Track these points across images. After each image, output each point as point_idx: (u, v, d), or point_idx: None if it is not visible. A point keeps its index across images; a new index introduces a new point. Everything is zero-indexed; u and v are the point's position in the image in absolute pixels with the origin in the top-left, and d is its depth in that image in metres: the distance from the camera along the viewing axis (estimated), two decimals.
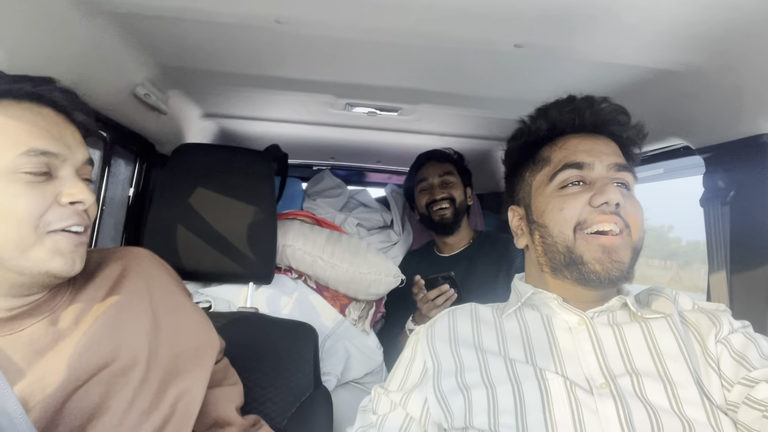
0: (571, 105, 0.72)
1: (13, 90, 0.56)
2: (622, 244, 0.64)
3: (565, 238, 0.67)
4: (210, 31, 0.83)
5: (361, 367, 1.26)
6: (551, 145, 0.73)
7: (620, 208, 0.65)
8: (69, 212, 0.58)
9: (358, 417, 0.75)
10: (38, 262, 0.56)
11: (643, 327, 0.66)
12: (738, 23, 0.66)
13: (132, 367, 0.62)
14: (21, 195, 0.54)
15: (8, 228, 0.54)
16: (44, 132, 0.56)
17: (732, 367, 0.60)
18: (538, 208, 0.72)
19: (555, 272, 0.71)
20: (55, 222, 0.57)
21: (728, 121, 0.84)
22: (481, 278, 1.34)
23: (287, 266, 1.28)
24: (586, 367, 0.64)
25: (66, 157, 0.58)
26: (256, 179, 1.02)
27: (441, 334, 0.74)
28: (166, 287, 0.73)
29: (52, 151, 0.56)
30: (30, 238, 0.55)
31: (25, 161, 0.54)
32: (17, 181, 0.54)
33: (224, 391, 0.77)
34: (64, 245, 0.58)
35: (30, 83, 0.57)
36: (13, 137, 0.54)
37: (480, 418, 0.63)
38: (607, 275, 0.64)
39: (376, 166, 2.19)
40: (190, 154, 1.05)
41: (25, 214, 0.54)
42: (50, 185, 0.57)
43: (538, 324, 0.71)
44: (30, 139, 0.55)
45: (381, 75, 1.02)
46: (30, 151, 0.54)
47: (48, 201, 0.56)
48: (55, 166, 0.57)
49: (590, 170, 0.68)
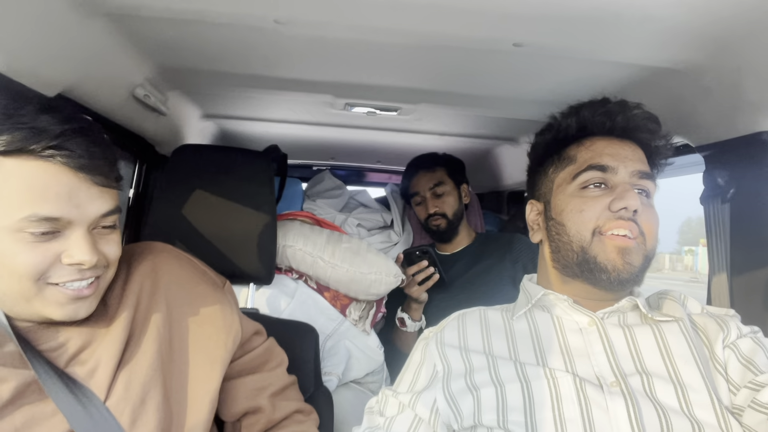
0: (604, 107, 0.71)
1: (27, 149, 0.54)
2: (635, 248, 0.65)
3: (581, 239, 0.67)
4: (209, 32, 0.83)
5: (362, 367, 1.26)
6: (578, 144, 0.73)
7: (637, 215, 0.65)
8: (69, 271, 0.58)
9: (365, 418, 0.75)
10: (39, 310, 0.58)
11: (654, 329, 0.66)
12: (738, 21, 0.66)
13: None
14: (22, 254, 0.55)
15: (10, 281, 0.56)
16: (51, 195, 0.55)
17: (739, 372, 0.60)
18: (557, 205, 0.72)
19: (566, 271, 0.71)
20: (53, 278, 0.58)
21: (728, 119, 0.84)
22: (483, 274, 1.34)
23: (287, 267, 1.28)
24: (596, 365, 0.64)
25: (72, 219, 0.57)
26: (256, 180, 1.02)
27: (451, 340, 0.74)
28: (179, 281, 0.74)
29: (54, 217, 0.56)
30: (30, 291, 0.57)
31: (27, 225, 0.54)
32: (20, 241, 0.55)
33: (258, 379, 0.78)
34: (62, 299, 0.59)
35: (44, 142, 0.54)
36: (17, 199, 0.54)
37: (489, 415, 0.63)
38: (617, 276, 0.64)
39: (375, 166, 2.19)
40: (190, 154, 1.05)
41: (24, 271, 0.55)
42: (55, 243, 0.57)
43: (549, 325, 0.71)
44: (33, 203, 0.54)
45: (380, 75, 1.02)
46: (32, 216, 0.54)
47: (49, 260, 0.57)
48: (62, 226, 0.57)
49: (613, 174, 0.68)
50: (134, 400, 0.62)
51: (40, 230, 0.55)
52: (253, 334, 0.82)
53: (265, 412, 0.76)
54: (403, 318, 1.33)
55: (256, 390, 0.77)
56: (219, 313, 0.74)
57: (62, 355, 0.62)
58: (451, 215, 1.45)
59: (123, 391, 0.62)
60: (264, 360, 0.81)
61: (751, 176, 0.84)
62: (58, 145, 0.55)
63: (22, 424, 0.56)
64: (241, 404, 0.77)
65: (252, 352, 0.80)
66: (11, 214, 0.54)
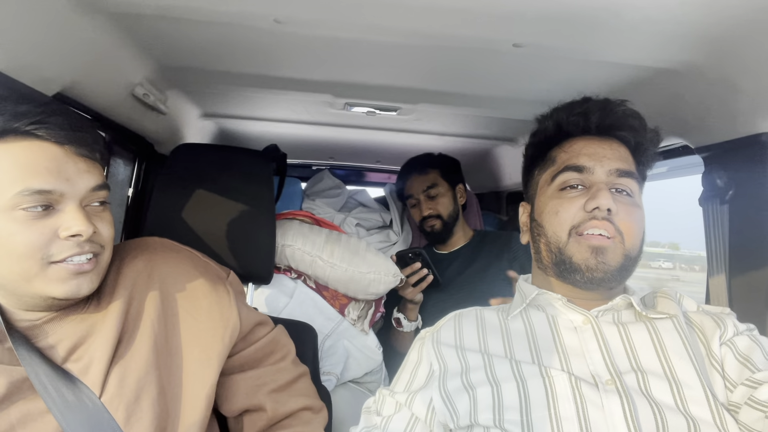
0: (581, 107, 0.71)
1: (10, 128, 0.56)
2: (611, 247, 0.65)
3: (558, 240, 0.68)
4: (209, 31, 0.83)
5: (361, 367, 1.26)
6: (559, 146, 0.74)
7: (613, 214, 0.64)
8: (69, 245, 0.59)
9: (362, 418, 0.75)
10: (41, 290, 0.59)
11: (649, 327, 0.66)
12: (738, 21, 0.66)
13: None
14: (19, 233, 0.56)
15: (11, 262, 0.57)
16: (41, 169, 0.57)
17: (736, 369, 0.60)
18: (538, 207, 0.73)
19: (547, 272, 0.71)
20: (56, 254, 0.58)
21: (727, 120, 0.84)
22: (481, 273, 1.34)
23: (286, 266, 1.28)
24: (591, 363, 0.64)
25: (64, 191, 0.59)
26: (255, 179, 1.02)
27: (447, 339, 0.74)
28: (175, 275, 0.74)
29: (47, 189, 0.57)
30: (33, 270, 0.58)
31: (21, 200, 0.56)
32: (15, 219, 0.56)
33: (259, 375, 0.78)
34: (66, 274, 0.60)
35: (25, 120, 0.57)
36: (9, 176, 0.56)
37: (485, 414, 0.63)
38: (591, 276, 0.65)
39: (375, 165, 2.19)
40: (189, 154, 1.05)
41: (24, 250, 0.56)
42: (51, 219, 0.58)
43: (544, 324, 0.71)
44: (25, 178, 0.56)
45: (380, 74, 1.02)
46: (25, 190, 0.56)
47: (47, 236, 0.58)
48: (55, 200, 0.59)
49: (590, 174, 0.68)
50: (128, 397, 0.62)
51: (34, 204, 0.56)
52: (255, 326, 0.80)
53: (266, 410, 0.76)
54: (399, 318, 1.33)
55: (256, 387, 0.77)
56: (216, 306, 0.74)
57: (59, 352, 0.62)
58: (446, 216, 1.45)
59: (117, 388, 0.62)
60: (268, 352, 0.80)
61: (750, 177, 0.84)
62: (39, 120, 0.58)
63: (17, 419, 0.57)
64: (240, 401, 0.76)
65: (254, 345, 0.79)
66: (4, 193, 0.55)
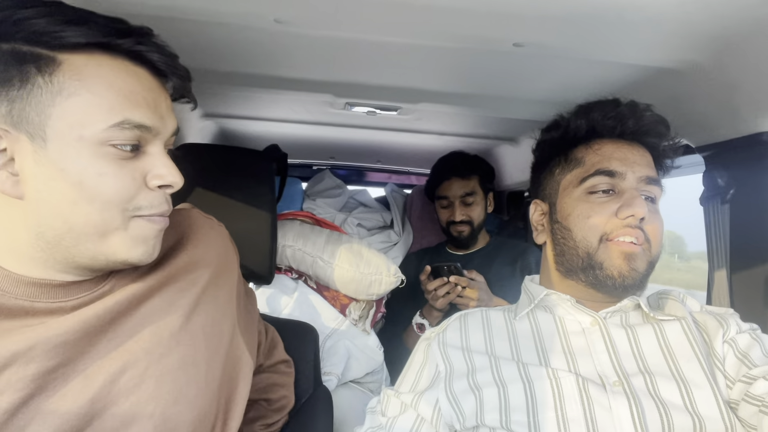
0: (615, 110, 0.70)
1: (110, 44, 0.46)
2: (641, 254, 0.65)
3: (587, 245, 0.67)
4: (209, 31, 0.83)
5: (362, 367, 1.26)
6: (586, 146, 0.72)
7: (644, 222, 0.65)
8: (160, 198, 0.51)
9: (366, 418, 0.75)
10: (118, 250, 0.49)
11: (656, 328, 0.66)
12: (738, 21, 0.66)
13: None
14: (110, 174, 0.46)
15: (91, 209, 0.46)
16: (141, 100, 0.48)
17: (735, 366, 0.60)
18: (563, 209, 0.71)
19: (569, 273, 0.70)
20: (144, 208, 0.49)
21: (728, 120, 0.84)
22: (494, 277, 1.33)
23: (287, 266, 1.28)
24: (599, 365, 0.64)
25: (159, 130, 0.50)
26: (256, 179, 1.02)
27: (453, 341, 0.74)
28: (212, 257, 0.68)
29: (147, 125, 0.48)
30: (114, 222, 0.47)
31: (116, 134, 0.46)
32: (105, 156, 0.46)
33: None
34: (149, 231, 0.51)
35: (131, 39, 0.47)
36: (106, 104, 0.45)
37: (491, 415, 0.63)
38: (622, 281, 0.65)
39: (376, 165, 2.19)
40: (190, 154, 1.04)
41: (112, 196, 0.46)
42: (139, 163, 0.49)
43: (551, 325, 0.71)
44: (126, 108, 0.46)
45: (380, 74, 1.02)
46: (124, 122, 0.46)
47: (138, 183, 0.49)
48: (146, 140, 0.49)
49: (621, 180, 0.67)
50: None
51: (127, 141, 0.47)
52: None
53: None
54: (423, 324, 1.30)
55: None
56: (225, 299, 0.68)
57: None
58: (477, 224, 1.43)
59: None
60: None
61: (751, 177, 0.84)
62: (144, 41, 0.48)
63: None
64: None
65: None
66: (95, 122, 0.45)
